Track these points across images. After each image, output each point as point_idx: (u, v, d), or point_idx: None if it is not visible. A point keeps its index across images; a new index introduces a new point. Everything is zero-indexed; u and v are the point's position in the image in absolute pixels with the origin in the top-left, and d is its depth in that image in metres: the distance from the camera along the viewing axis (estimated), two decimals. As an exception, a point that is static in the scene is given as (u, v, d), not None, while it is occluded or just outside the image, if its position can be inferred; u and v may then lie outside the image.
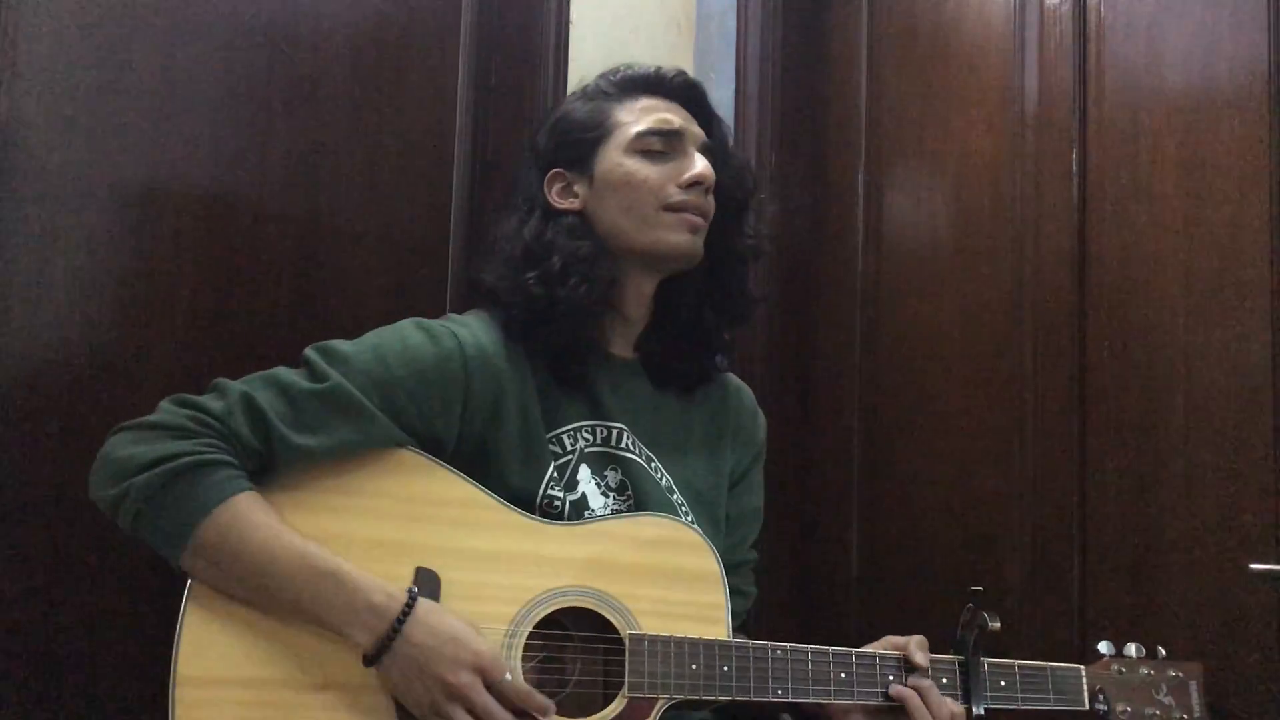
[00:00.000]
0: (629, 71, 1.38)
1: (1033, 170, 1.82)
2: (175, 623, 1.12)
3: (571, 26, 1.99)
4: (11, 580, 1.40)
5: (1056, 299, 1.77)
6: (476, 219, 1.85)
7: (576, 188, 1.34)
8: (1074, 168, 1.77)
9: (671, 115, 1.34)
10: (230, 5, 1.60)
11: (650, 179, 1.31)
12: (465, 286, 1.82)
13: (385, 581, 1.12)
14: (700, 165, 1.32)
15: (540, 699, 1.13)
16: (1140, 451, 1.65)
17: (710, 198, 1.34)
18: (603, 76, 1.39)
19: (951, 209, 1.96)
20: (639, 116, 1.34)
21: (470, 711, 1.09)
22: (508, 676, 1.11)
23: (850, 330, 2.10)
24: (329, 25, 1.70)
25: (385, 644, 1.10)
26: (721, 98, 2.07)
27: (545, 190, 1.35)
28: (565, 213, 1.33)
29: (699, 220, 1.32)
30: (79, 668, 1.44)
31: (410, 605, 1.11)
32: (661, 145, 1.32)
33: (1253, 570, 1.51)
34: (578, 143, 1.34)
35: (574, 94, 1.41)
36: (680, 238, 1.32)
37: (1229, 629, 1.54)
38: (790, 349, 2.17)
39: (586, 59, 2.03)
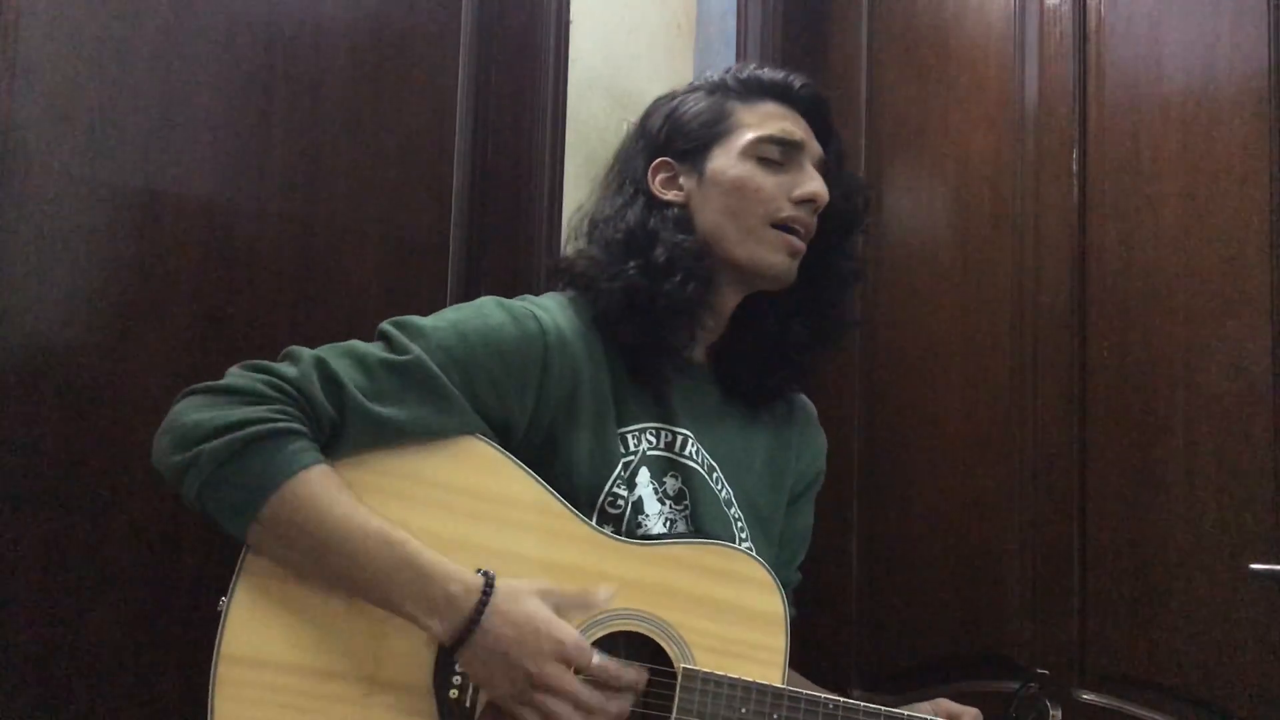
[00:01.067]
0: (758, 72, 1.32)
1: (1033, 170, 1.82)
2: (179, 620, 1.12)
3: (571, 26, 1.99)
4: (12, 576, 1.40)
5: (1056, 299, 1.77)
6: (476, 219, 1.85)
7: (682, 180, 1.29)
8: (1074, 168, 1.77)
9: (794, 127, 1.30)
10: (230, 5, 1.60)
11: (764, 188, 1.26)
12: (472, 287, 1.82)
13: (462, 570, 1.08)
14: (816, 183, 1.27)
15: (632, 674, 1.10)
16: (1140, 452, 1.65)
17: (815, 217, 1.29)
18: (729, 72, 1.33)
19: (951, 209, 1.96)
20: (761, 121, 1.29)
21: (560, 698, 1.06)
22: (596, 659, 1.08)
23: (850, 330, 2.10)
24: (329, 25, 1.70)
25: (464, 635, 1.06)
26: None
27: (649, 178, 1.30)
28: (670, 204, 1.28)
29: (800, 244, 1.28)
30: (79, 665, 1.44)
31: (487, 595, 1.07)
32: (780, 155, 1.28)
33: (1253, 570, 1.50)
34: (693, 135, 1.29)
35: (695, 84, 1.35)
36: (778, 259, 1.27)
37: (1229, 629, 1.54)
38: (790, 349, 2.17)
39: (586, 59, 2.04)
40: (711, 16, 2.25)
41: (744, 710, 1.15)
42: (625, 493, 1.22)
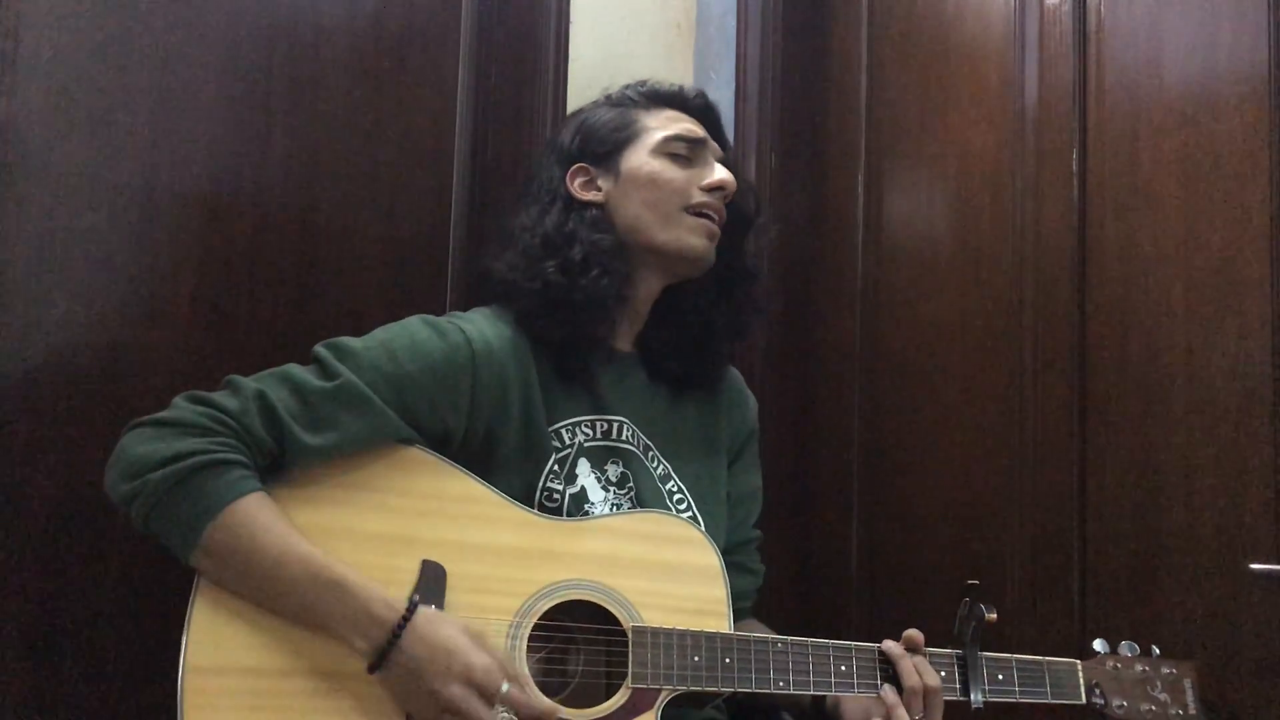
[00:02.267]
0: (653, 85, 1.46)
1: (1033, 170, 1.82)
2: (175, 620, 1.12)
3: (571, 26, 1.99)
4: (12, 578, 1.40)
5: (1056, 299, 1.77)
6: (476, 219, 1.85)
7: (600, 181, 1.39)
8: (1074, 168, 1.77)
9: (696, 127, 1.42)
10: (230, 5, 1.60)
11: (676, 179, 1.38)
12: (472, 280, 1.82)
13: (385, 591, 1.13)
14: (722, 172, 1.40)
15: (541, 704, 1.14)
16: (1140, 451, 1.65)
17: (725, 203, 1.40)
18: (628, 87, 1.46)
19: (951, 209, 1.96)
20: (666, 124, 1.41)
21: None
22: (505, 688, 1.11)
23: (850, 330, 2.10)
24: (329, 25, 1.70)
25: (383, 653, 1.10)
26: (721, 98, 2.07)
27: (568, 183, 1.39)
28: (588, 204, 1.38)
29: (715, 227, 1.40)
30: (80, 666, 1.44)
31: (408, 616, 1.11)
32: (687, 151, 1.40)
33: (1253, 570, 1.50)
34: (605, 139, 1.40)
35: (598, 101, 1.47)
36: (698, 240, 1.38)
37: (1229, 629, 1.54)
38: (790, 349, 2.17)
39: (586, 59, 2.04)
40: (711, 16, 2.25)
41: (696, 658, 1.21)
42: (560, 487, 1.29)
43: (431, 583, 1.16)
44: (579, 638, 1.22)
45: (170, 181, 1.54)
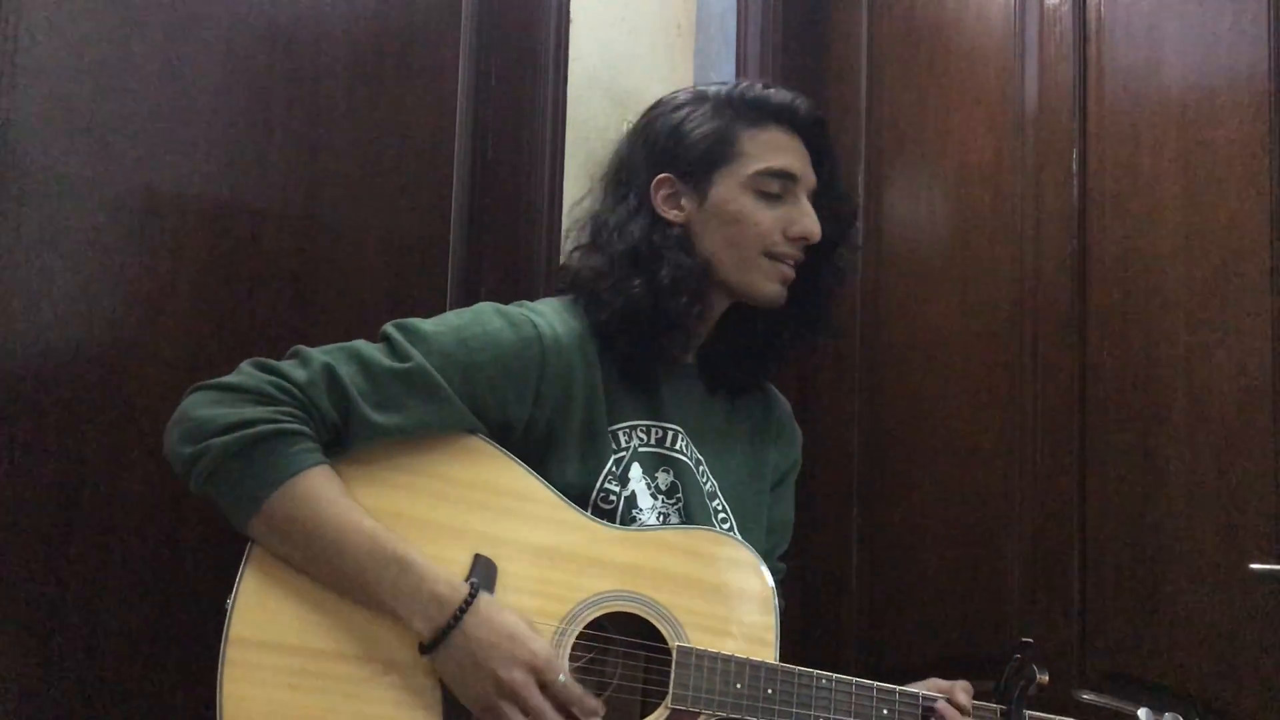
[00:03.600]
0: (766, 93, 1.36)
1: (1033, 170, 1.82)
2: (176, 621, 1.13)
3: (571, 26, 1.99)
4: (13, 578, 1.40)
5: (1056, 299, 1.77)
6: (476, 219, 1.85)
7: (684, 200, 1.34)
8: (1074, 168, 1.77)
9: (794, 159, 1.34)
10: (230, 5, 1.60)
11: (761, 223, 1.32)
12: (472, 287, 1.82)
13: (449, 572, 1.13)
14: (810, 223, 1.33)
15: (591, 702, 1.13)
16: (1140, 452, 1.65)
17: (804, 250, 1.35)
18: (737, 90, 1.36)
19: (951, 209, 1.96)
20: (764, 151, 1.33)
21: (522, 710, 1.10)
22: (562, 678, 1.11)
23: (850, 330, 2.10)
24: (329, 25, 1.70)
25: (443, 635, 1.10)
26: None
27: (652, 192, 1.34)
28: (672, 223, 1.33)
29: (791, 274, 1.35)
30: (80, 666, 1.44)
31: (472, 598, 1.11)
32: (779, 189, 1.33)
33: (1253, 570, 1.50)
34: (697, 157, 1.33)
35: (699, 95, 1.38)
36: (771, 287, 1.34)
37: (1229, 629, 1.54)
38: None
39: (586, 59, 2.04)
40: (711, 16, 2.25)
41: (738, 685, 1.19)
42: (617, 489, 1.27)
43: (483, 578, 1.15)
44: (618, 650, 1.20)
45: (170, 182, 1.54)
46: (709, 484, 1.35)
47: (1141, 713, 1.30)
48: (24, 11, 1.42)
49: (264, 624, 1.11)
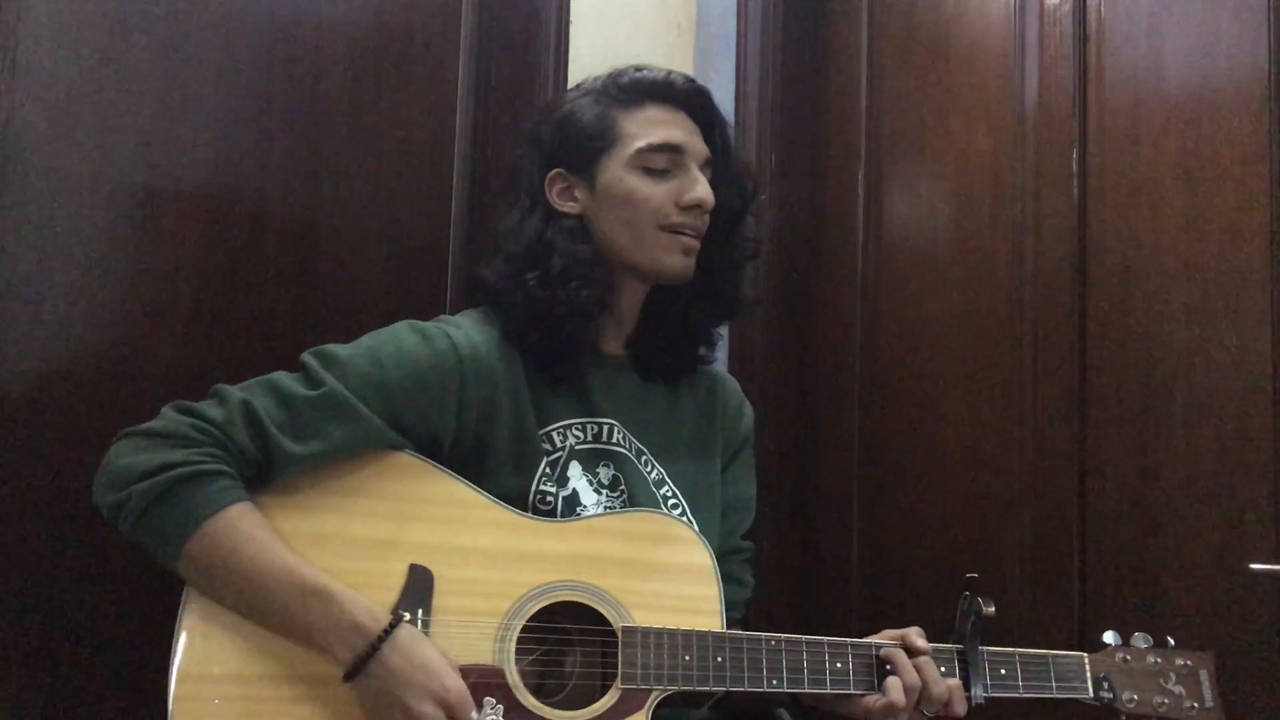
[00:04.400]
0: (638, 75, 1.37)
1: (1033, 170, 1.82)
2: (174, 621, 1.13)
3: (571, 26, 1.99)
4: (12, 579, 1.40)
5: (1056, 299, 1.77)
6: (476, 219, 1.85)
7: (577, 192, 1.36)
8: (1074, 168, 1.77)
9: (676, 131, 1.35)
10: (230, 5, 1.60)
11: (651, 198, 1.33)
12: (466, 283, 1.82)
13: (372, 602, 1.13)
14: (700, 189, 1.34)
15: None
16: (1140, 451, 1.65)
17: (706, 216, 1.36)
18: (612, 77, 1.38)
19: (951, 209, 1.96)
20: (644, 129, 1.34)
21: None
22: (473, 716, 1.11)
23: (850, 330, 2.10)
24: (329, 25, 1.70)
25: (362, 663, 1.11)
26: (721, 98, 2.06)
27: (546, 190, 1.36)
28: (566, 215, 1.35)
29: (693, 243, 1.35)
30: (79, 667, 1.44)
31: (391, 628, 1.11)
32: (665, 163, 1.34)
33: (1253, 570, 1.50)
34: (582, 148, 1.35)
35: (582, 89, 1.41)
36: (674, 259, 1.35)
37: (1229, 629, 1.54)
38: (790, 348, 2.17)
39: (586, 59, 2.03)
40: (711, 16, 2.25)
41: (687, 658, 1.20)
42: (554, 489, 1.28)
43: (419, 587, 1.16)
44: (575, 639, 1.22)
45: (170, 182, 1.54)
46: (654, 472, 1.36)
47: (1108, 635, 1.31)
48: (24, 11, 1.42)
49: (207, 658, 1.12)
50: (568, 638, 1.22)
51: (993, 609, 1.26)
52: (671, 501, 1.35)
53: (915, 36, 2.05)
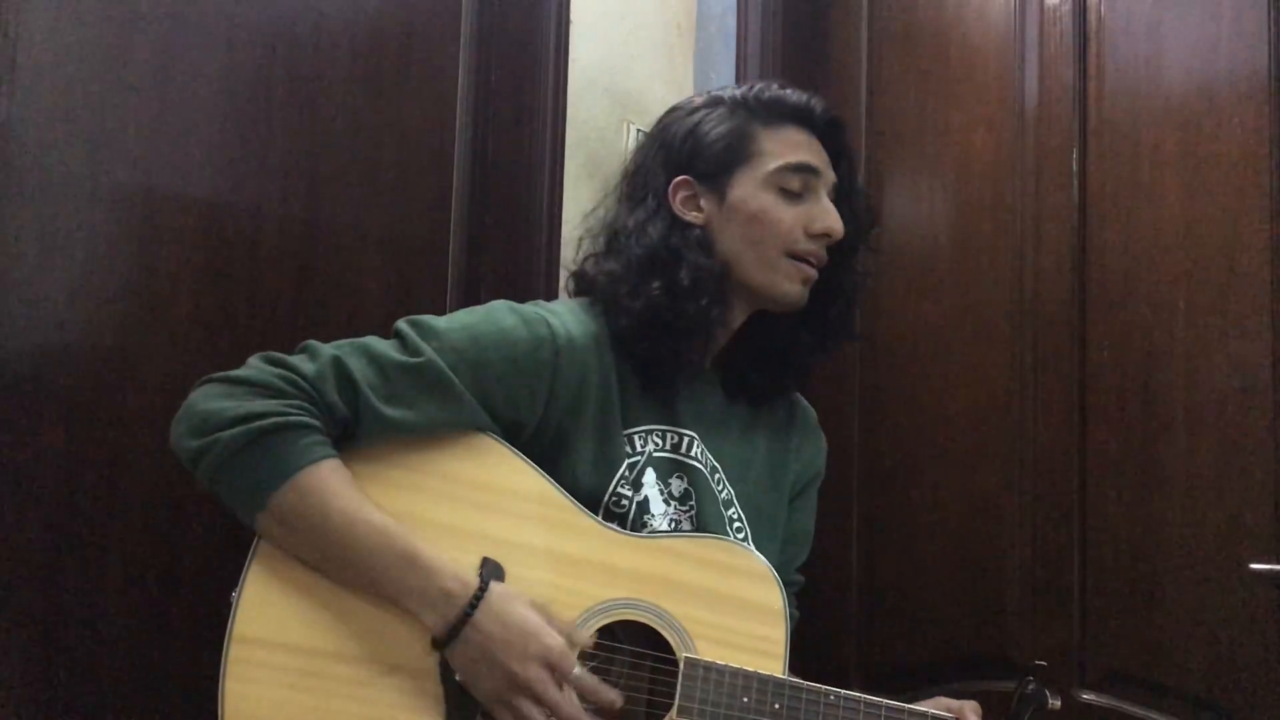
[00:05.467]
0: (781, 93, 1.34)
1: (1033, 170, 1.82)
2: (177, 621, 1.12)
3: (571, 26, 1.99)
4: (13, 579, 1.40)
5: (1056, 299, 1.77)
6: (476, 219, 1.85)
7: (703, 202, 1.31)
8: (1074, 168, 1.77)
9: (813, 157, 1.32)
10: (230, 5, 1.60)
11: (783, 221, 1.29)
12: (472, 287, 1.82)
13: (459, 567, 1.11)
14: (833, 219, 1.31)
15: (608, 694, 1.12)
16: (1140, 451, 1.65)
17: (826, 247, 1.33)
18: (752, 91, 1.35)
19: (951, 209, 1.96)
20: (784, 149, 1.31)
21: (537, 703, 1.09)
22: (577, 670, 1.10)
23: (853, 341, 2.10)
24: (329, 25, 1.70)
25: (455, 630, 1.09)
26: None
27: (670, 195, 1.32)
28: (691, 225, 1.31)
29: (813, 273, 1.32)
30: (80, 666, 1.44)
31: (481, 593, 1.10)
32: (799, 186, 1.30)
33: (1253, 570, 1.50)
34: (715, 158, 1.31)
35: (714, 98, 1.36)
36: (792, 287, 1.31)
37: (1230, 629, 1.54)
38: (790, 349, 2.17)
39: (586, 59, 2.04)
40: (711, 16, 2.25)
41: (745, 699, 1.17)
42: (630, 493, 1.25)
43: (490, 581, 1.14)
44: (621, 659, 1.19)
45: (170, 182, 1.54)
46: (725, 492, 1.33)
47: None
48: (24, 12, 1.42)
49: (268, 622, 1.10)
50: (616, 656, 1.19)
51: (1059, 704, 1.22)
52: (736, 524, 1.32)
53: (915, 36, 2.05)
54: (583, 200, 1.41)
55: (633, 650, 1.19)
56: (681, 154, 1.33)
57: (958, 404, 1.90)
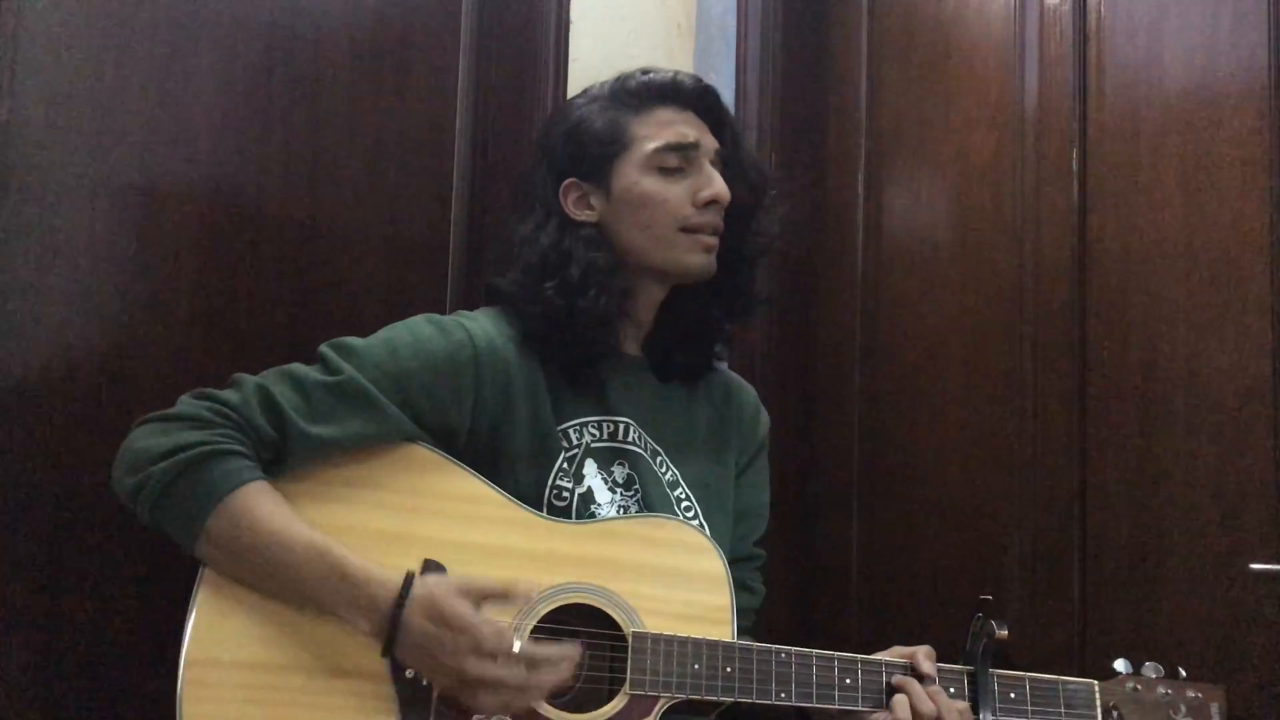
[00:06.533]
0: (646, 78, 1.37)
1: (1033, 170, 1.82)
2: (178, 620, 1.13)
3: (571, 26, 1.99)
4: (13, 579, 1.40)
5: (1056, 299, 1.77)
6: (476, 219, 1.85)
7: (593, 200, 1.35)
8: (1074, 168, 1.77)
9: (687, 129, 1.35)
10: (230, 5, 1.60)
11: (668, 200, 1.33)
12: (472, 287, 1.82)
13: (385, 574, 1.13)
14: (717, 185, 1.34)
15: (558, 651, 1.13)
16: (1140, 451, 1.65)
17: (722, 213, 1.35)
18: (619, 82, 1.38)
19: (951, 209, 1.96)
20: (655, 131, 1.34)
21: (490, 690, 1.10)
22: (517, 645, 1.11)
23: (850, 330, 2.10)
24: (329, 25, 1.70)
25: (390, 635, 1.11)
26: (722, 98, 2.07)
27: (561, 199, 1.35)
28: (582, 224, 1.34)
29: (712, 241, 1.35)
30: (82, 666, 1.44)
31: (404, 596, 1.11)
32: (678, 161, 1.34)
33: (1253, 570, 1.50)
34: (594, 155, 1.35)
35: (589, 96, 1.40)
36: (696, 258, 1.34)
37: (1230, 629, 1.54)
38: (790, 349, 2.17)
39: (586, 59, 2.04)
40: (711, 16, 2.25)
41: (696, 666, 1.19)
42: (570, 485, 1.28)
43: None
44: (583, 642, 1.21)
45: (170, 182, 1.54)
46: (669, 473, 1.36)
47: (1119, 663, 1.29)
48: (24, 12, 1.42)
49: (219, 644, 1.12)
50: (578, 641, 1.21)
51: (1006, 632, 1.24)
52: (685, 504, 1.35)
53: (915, 36, 2.05)
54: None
55: (584, 632, 1.20)
56: (564, 157, 1.37)
57: (958, 404, 1.90)
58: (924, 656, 1.26)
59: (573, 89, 1.98)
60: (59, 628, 1.43)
